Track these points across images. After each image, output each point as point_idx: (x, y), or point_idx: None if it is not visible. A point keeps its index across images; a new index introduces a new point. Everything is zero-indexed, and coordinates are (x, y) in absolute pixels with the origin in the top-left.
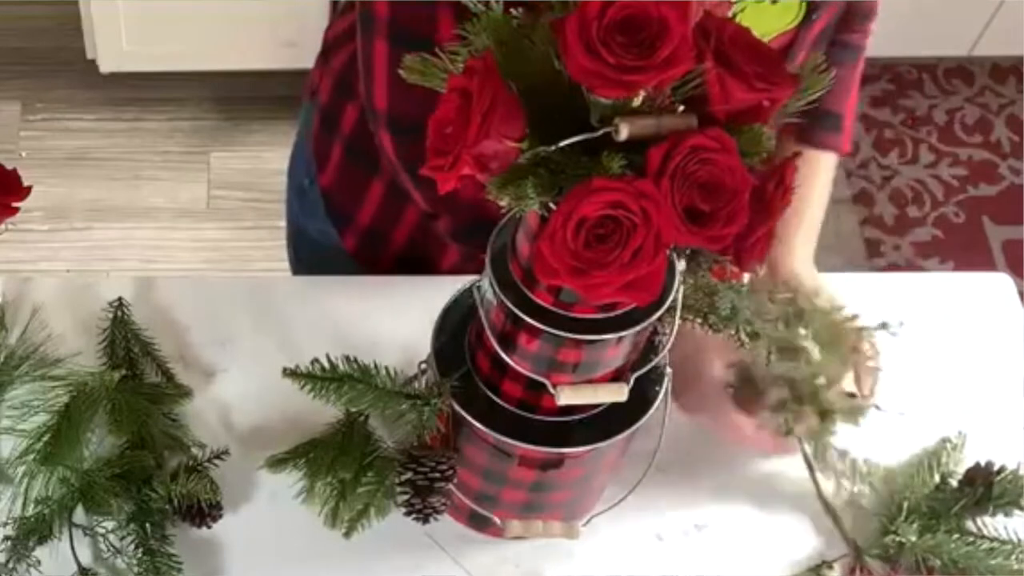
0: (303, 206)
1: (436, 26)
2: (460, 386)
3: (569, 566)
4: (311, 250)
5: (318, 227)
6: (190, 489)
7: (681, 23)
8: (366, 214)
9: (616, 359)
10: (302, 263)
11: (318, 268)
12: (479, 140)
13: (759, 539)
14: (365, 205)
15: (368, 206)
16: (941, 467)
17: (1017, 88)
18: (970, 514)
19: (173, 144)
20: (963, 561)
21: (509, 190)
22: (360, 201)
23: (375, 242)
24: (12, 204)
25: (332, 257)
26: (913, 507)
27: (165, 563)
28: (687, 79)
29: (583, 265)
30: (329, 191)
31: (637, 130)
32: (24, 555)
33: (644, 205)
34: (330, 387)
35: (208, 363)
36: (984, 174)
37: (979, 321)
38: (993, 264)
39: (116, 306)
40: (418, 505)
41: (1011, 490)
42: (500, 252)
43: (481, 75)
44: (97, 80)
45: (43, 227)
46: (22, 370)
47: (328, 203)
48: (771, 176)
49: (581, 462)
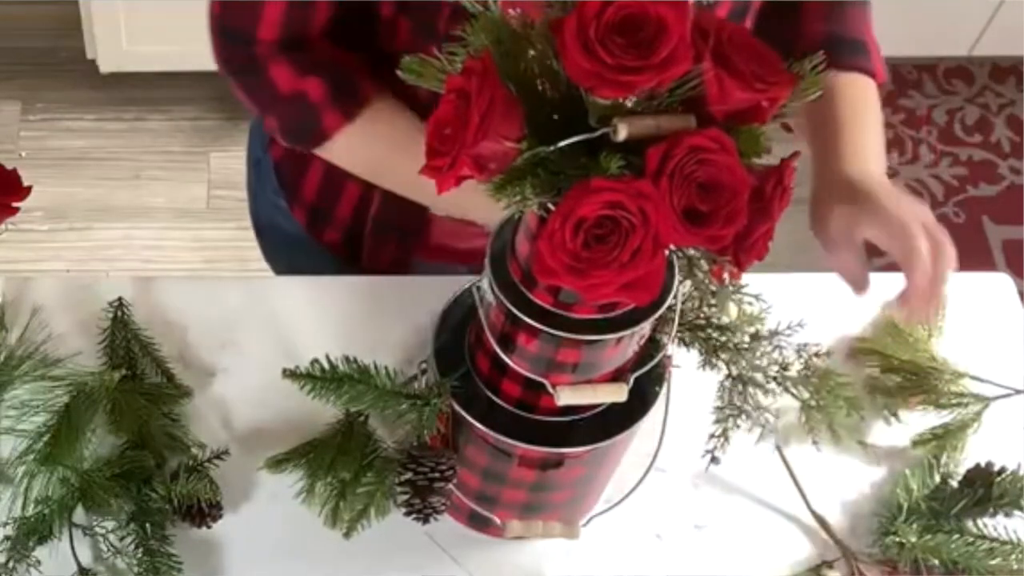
0: (258, 177)
1: None
2: (460, 386)
3: (569, 566)
4: (269, 224)
5: (272, 199)
6: (190, 489)
7: (679, 23)
8: (310, 188)
9: (616, 359)
10: (263, 237)
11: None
12: (477, 141)
13: (759, 539)
14: (309, 179)
15: (311, 180)
16: (941, 467)
17: (1017, 88)
18: (970, 514)
19: (173, 144)
20: (963, 561)
21: (508, 191)
22: (304, 174)
23: (322, 216)
24: (12, 204)
25: (289, 231)
26: (913, 507)
27: (165, 563)
28: (685, 79)
29: (582, 265)
30: (279, 164)
31: (636, 130)
32: (24, 555)
33: (643, 205)
34: (330, 387)
35: (208, 363)
36: (984, 174)
37: (979, 321)
38: (993, 264)
39: (116, 306)
40: (418, 505)
41: (1011, 490)
42: (499, 252)
43: (479, 76)
44: (97, 80)
45: (43, 227)
46: (22, 370)
47: (279, 175)
48: (770, 176)
49: (581, 462)
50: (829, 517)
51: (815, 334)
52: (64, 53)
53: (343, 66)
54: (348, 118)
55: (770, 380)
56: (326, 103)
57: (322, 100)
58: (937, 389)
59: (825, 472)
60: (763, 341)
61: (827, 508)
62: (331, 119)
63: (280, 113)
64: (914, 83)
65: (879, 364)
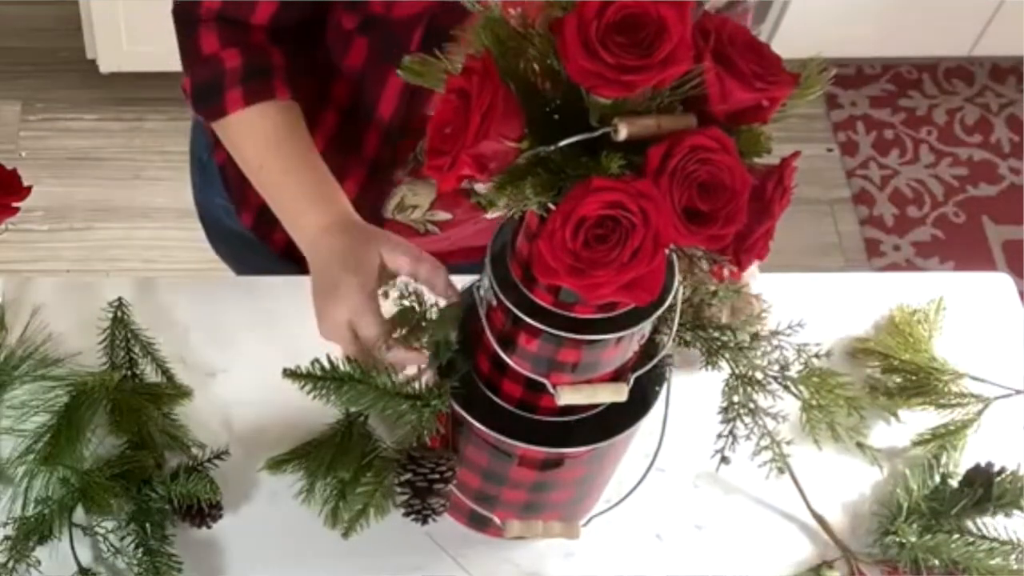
0: (204, 178)
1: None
2: (460, 386)
3: (569, 566)
4: (216, 224)
5: (217, 201)
6: (190, 489)
7: (680, 23)
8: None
9: (616, 359)
10: (211, 236)
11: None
12: (478, 140)
13: (759, 539)
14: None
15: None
16: (941, 467)
17: (1017, 88)
18: (970, 514)
19: (173, 144)
20: (963, 561)
21: (508, 190)
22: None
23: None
24: (12, 204)
25: (235, 230)
26: (913, 507)
27: (165, 563)
28: (686, 79)
29: (582, 265)
30: (224, 168)
31: (636, 130)
32: (24, 555)
33: (643, 205)
34: (330, 387)
35: (208, 363)
36: (984, 174)
37: (979, 321)
38: (993, 264)
39: (116, 306)
40: (417, 506)
41: (1011, 490)
42: (500, 252)
43: (480, 75)
44: (97, 80)
45: (43, 227)
46: (22, 370)
47: (224, 179)
48: (770, 176)
49: (581, 462)
50: (829, 517)
51: (815, 334)
52: (64, 53)
53: (266, 56)
54: (247, 103)
55: (771, 380)
56: (235, 81)
57: (232, 76)
58: (937, 389)
59: (825, 472)
60: (763, 341)
61: (827, 508)
62: (233, 97)
63: (195, 74)
64: (914, 83)
65: (879, 364)
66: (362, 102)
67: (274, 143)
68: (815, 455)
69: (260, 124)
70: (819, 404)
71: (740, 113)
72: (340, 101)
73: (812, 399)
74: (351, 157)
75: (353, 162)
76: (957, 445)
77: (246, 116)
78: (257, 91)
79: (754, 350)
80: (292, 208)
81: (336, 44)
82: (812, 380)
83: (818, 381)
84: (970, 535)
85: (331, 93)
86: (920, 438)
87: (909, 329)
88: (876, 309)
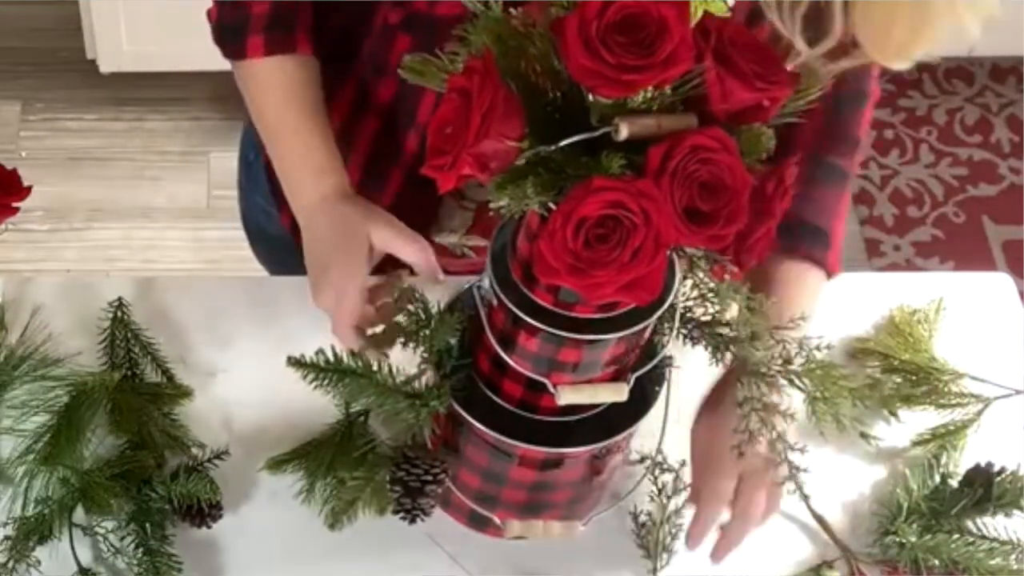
0: (248, 178)
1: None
2: (460, 386)
3: (569, 566)
4: (256, 227)
5: (260, 200)
6: (190, 489)
7: (680, 23)
8: None
9: (616, 359)
10: (251, 237)
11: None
12: (479, 140)
13: (759, 539)
14: None
15: None
16: (941, 467)
17: (1017, 88)
18: (970, 514)
19: (173, 144)
20: (963, 561)
21: (509, 190)
22: None
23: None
24: (12, 204)
25: (274, 233)
26: (913, 507)
27: (165, 563)
28: (687, 79)
29: (583, 265)
30: (268, 166)
31: (637, 130)
32: (24, 555)
33: (644, 205)
34: (332, 379)
35: (208, 363)
36: (984, 174)
37: (979, 321)
38: (993, 264)
39: (116, 306)
40: (407, 505)
41: (1011, 490)
42: (500, 252)
43: (481, 75)
44: (97, 80)
45: (43, 227)
46: (22, 370)
47: (269, 178)
48: (771, 176)
49: (581, 462)
50: (829, 517)
51: (815, 334)
52: (64, 53)
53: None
54: (268, 52)
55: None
56: (259, 27)
57: (257, 22)
58: (937, 389)
59: (825, 472)
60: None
61: (827, 508)
62: (254, 43)
63: (223, 11)
64: (914, 83)
65: (879, 364)
66: (403, 104)
67: (284, 99)
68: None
69: (277, 77)
70: (823, 396)
71: (741, 113)
72: (382, 106)
73: (816, 391)
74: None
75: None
76: (957, 445)
77: (264, 65)
78: (280, 41)
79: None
80: (292, 169)
81: (380, 41)
82: (815, 373)
83: (822, 374)
84: (970, 535)
85: (372, 98)
86: (920, 438)
87: (909, 329)
88: (876, 309)
